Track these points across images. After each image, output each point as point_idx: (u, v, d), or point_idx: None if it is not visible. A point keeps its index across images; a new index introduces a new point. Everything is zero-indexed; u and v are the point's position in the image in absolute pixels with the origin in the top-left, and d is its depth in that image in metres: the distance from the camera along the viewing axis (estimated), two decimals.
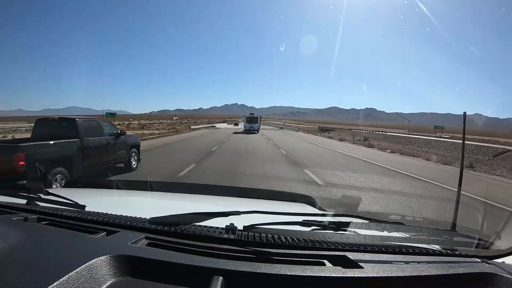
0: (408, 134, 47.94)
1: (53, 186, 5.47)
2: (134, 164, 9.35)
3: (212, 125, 74.71)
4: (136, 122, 66.90)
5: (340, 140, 34.25)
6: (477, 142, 33.08)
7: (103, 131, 7.91)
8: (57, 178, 5.77)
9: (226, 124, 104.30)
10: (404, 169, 12.37)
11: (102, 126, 7.95)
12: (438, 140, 34.51)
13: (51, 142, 6.00)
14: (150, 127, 51.51)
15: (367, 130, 63.04)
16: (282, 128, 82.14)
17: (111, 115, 43.85)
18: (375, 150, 22.92)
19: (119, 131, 8.74)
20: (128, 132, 12.16)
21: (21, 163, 4.96)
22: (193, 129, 46.72)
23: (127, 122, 62.15)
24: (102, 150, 7.65)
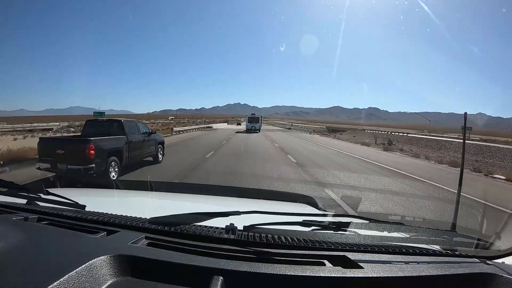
0: (430, 135, 42.88)
1: (110, 171, 7.53)
2: (160, 158, 11.16)
3: (208, 125, 60.18)
4: None
5: (362, 144, 27.97)
6: (496, 143, 30.28)
7: (140, 130, 9.75)
8: (112, 164, 7.64)
9: (226, 124, 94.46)
10: None
11: (139, 126, 9.87)
12: (475, 144, 29.12)
13: (109, 137, 7.98)
14: None
15: (383, 131, 56.10)
16: (289, 128, 71.64)
17: (99, 114, 42.29)
18: (424, 162, 16.46)
19: (150, 130, 10.57)
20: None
21: (92, 151, 6.89)
22: (179, 131, 33.23)
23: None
24: (139, 145, 9.47)
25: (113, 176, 7.61)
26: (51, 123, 45.64)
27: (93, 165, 6.93)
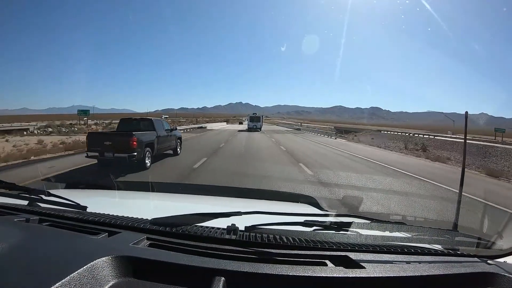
0: (456, 137, 35.26)
1: (146, 159, 9.46)
2: (179, 151, 13.32)
3: (200, 125, 50.26)
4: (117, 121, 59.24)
5: (396, 150, 22.84)
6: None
7: (164, 127, 11.75)
8: (147, 153, 9.63)
9: (225, 123, 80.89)
10: None
11: (163, 124, 12.04)
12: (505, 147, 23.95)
13: (145, 132, 10.05)
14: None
15: (400, 133, 48.47)
16: (298, 129, 59.18)
17: (84, 112, 42.97)
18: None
19: (171, 127, 12.77)
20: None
21: (135, 143, 8.89)
22: None
23: (107, 121, 54.29)
24: (164, 139, 11.45)
25: (148, 163, 9.67)
26: (32, 122, 43.54)
27: (135, 154, 8.92)
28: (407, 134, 44.72)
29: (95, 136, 9.83)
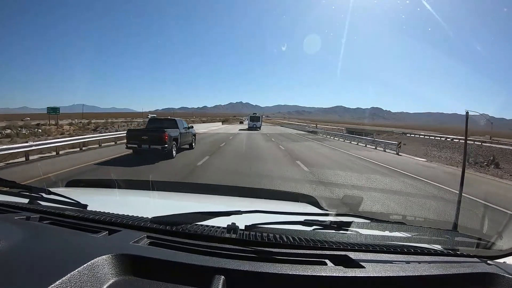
0: (495, 141, 32.39)
1: (173, 150, 12.39)
2: (194, 146, 16.19)
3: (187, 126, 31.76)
4: (102, 121, 50.30)
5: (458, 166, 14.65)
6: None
7: (183, 125, 14.79)
8: (173, 146, 12.57)
9: (221, 124, 71.95)
10: None
11: (183, 123, 15.07)
12: None
13: (172, 129, 12.92)
14: (109, 127, 36.95)
15: (428, 136, 41.66)
16: (314, 132, 44.73)
17: (53, 110, 41.76)
18: None
19: (188, 125, 15.85)
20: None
21: (166, 137, 11.75)
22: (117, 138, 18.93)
23: (86, 120, 51.73)
24: (184, 135, 14.53)
25: (174, 153, 12.61)
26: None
27: (167, 146, 11.90)
28: (434, 138, 38.55)
29: (133, 132, 13.53)
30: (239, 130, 41.80)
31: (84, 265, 0.73)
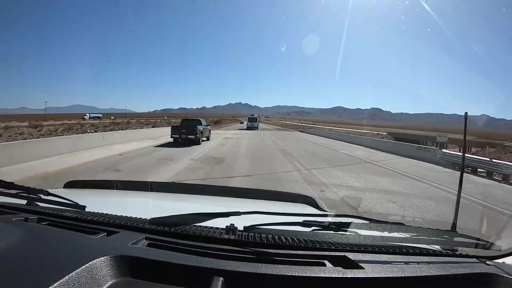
0: None
1: (200, 140, 19.14)
2: (209, 138, 22.50)
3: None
4: (70, 122, 48.27)
5: None
6: None
7: (204, 124, 21.17)
8: (200, 136, 19.02)
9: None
10: None
11: (203, 122, 21.47)
12: None
13: (199, 126, 19.46)
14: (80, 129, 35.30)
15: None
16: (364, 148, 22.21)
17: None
18: None
19: (206, 124, 22.30)
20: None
21: (197, 130, 18.69)
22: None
23: (59, 122, 51.57)
24: (205, 130, 20.98)
25: (200, 141, 19.01)
26: None
27: (198, 136, 18.40)
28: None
29: (176, 127, 19.68)
30: (238, 129, 43.53)
31: (82, 266, 0.73)
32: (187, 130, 18.73)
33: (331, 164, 12.65)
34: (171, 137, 18.97)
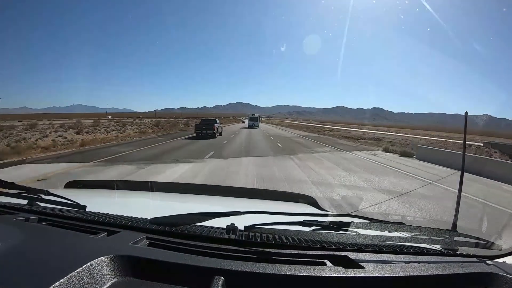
0: None
1: (216, 135, 26.43)
2: (222, 134, 29.03)
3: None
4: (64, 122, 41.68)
5: None
6: None
7: (217, 122, 28.13)
8: (216, 132, 26.38)
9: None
10: None
11: (217, 120, 28.80)
12: None
13: (216, 124, 26.95)
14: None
15: None
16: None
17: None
18: None
19: (220, 122, 30.27)
20: None
21: (215, 127, 26.02)
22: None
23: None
24: (219, 127, 28.93)
25: (216, 136, 25.70)
26: None
27: (215, 131, 25.55)
28: None
29: (198, 125, 25.86)
30: (240, 128, 51.15)
31: (83, 266, 0.73)
32: (206, 127, 25.21)
33: None
34: (195, 132, 25.78)
